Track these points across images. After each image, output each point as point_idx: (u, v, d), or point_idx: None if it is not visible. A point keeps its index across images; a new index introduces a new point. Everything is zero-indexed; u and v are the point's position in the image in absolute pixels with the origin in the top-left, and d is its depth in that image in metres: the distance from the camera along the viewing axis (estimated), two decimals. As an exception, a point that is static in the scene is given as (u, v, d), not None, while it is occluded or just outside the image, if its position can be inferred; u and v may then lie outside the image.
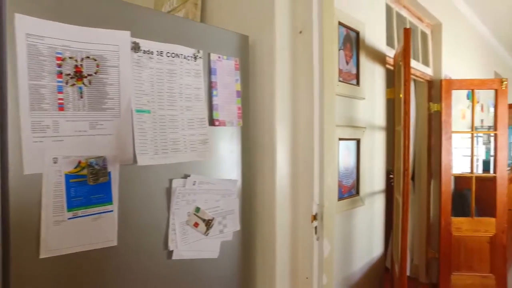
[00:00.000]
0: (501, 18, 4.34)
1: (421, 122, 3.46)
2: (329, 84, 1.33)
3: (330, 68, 1.36)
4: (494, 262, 3.29)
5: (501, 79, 3.24)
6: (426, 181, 3.46)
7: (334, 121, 1.41)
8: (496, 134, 3.23)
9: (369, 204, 2.26)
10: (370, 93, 2.25)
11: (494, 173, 3.26)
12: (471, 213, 3.29)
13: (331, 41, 1.35)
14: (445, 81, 3.25)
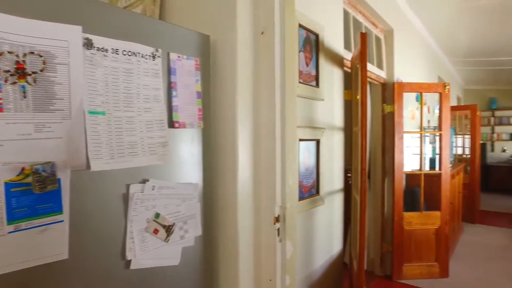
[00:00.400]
0: (442, 28, 4.69)
1: (376, 123, 3.63)
2: (290, 85, 1.34)
3: (292, 69, 1.37)
4: (438, 252, 3.54)
5: (445, 83, 3.49)
6: (380, 179, 3.64)
7: (296, 122, 1.42)
8: (441, 134, 3.48)
9: (328, 203, 2.32)
10: (329, 94, 2.31)
11: (439, 170, 3.51)
12: (420, 208, 3.51)
13: (293, 43, 1.36)
14: (397, 84, 3.44)
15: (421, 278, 3.50)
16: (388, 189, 3.60)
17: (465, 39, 5.22)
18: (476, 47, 5.57)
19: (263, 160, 1.32)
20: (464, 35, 5.02)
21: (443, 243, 3.53)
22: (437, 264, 3.55)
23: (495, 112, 9.16)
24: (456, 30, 4.79)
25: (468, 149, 6.20)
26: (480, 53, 5.84)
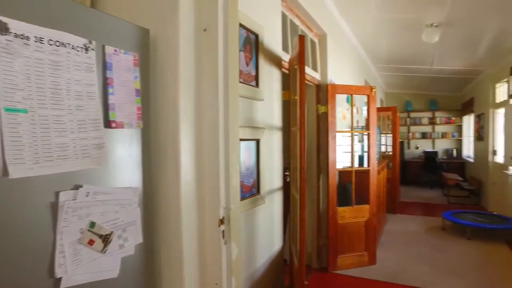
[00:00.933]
0: (367, 35, 5.11)
1: (311, 123, 3.80)
2: (234, 84, 1.32)
3: (235, 68, 1.35)
4: (367, 242, 3.85)
5: (371, 86, 3.79)
6: (316, 176, 3.81)
7: (238, 122, 1.41)
8: (369, 133, 3.77)
9: (269, 202, 2.36)
10: (268, 94, 2.35)
11: (368, 167, 3.81)
12: (352, 202, 3.77)
13: (235, 41, 1.34)
14: (330, 86, 3.64)
15: (353, 267, 3.76)
16: (323, 185, 3.80)
17: (386, 47, 5.75)
18: (394, 55, 6.17)
19: (206, 161, 1.28)
20: (385, 43, 5.53)
21: (372, 234, 3.85)
22: (366, 254, 3.84)
23: (410, 114, 10.27)
24: (378, 38, 5.25)
25: (390, 146, 6.86)
26: (397, 60, 6.49)
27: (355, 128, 4.71)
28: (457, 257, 4.06)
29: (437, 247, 4.44)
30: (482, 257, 4.08)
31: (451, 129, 9.91)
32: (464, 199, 7.46)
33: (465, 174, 9.02)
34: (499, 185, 6.03)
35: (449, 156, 9.78)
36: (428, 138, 10.11)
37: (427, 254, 4.17)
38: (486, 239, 4.71)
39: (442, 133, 9.96)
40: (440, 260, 3.99)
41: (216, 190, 1.23)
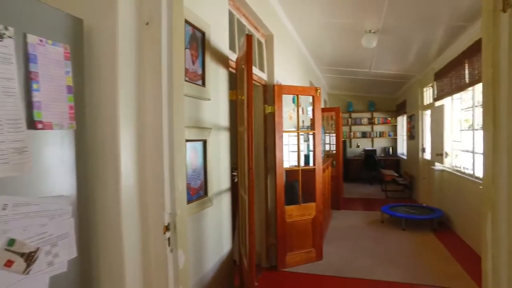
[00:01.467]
0: (312, 38, 5.29)
1: (258, 123, 3.82)
2: (178, 82, 1.25)
3: (180, 65, 1.28)
4: (314, 239, 3.97)
5: (316, 87, 3.92)
6: (263, 176, 3.84)
7: (184, 122, 1.34)
8: (314, 133, 3.89)
9: (217, 204, 2.31)
10: (215, 94, 2.30)
11: (313, 166, 3.93)
12: (299, 201, 3.86)
13: (181, 36, 1.27)
14: (277, 86, 3.68)
15: (302, 264, 3.85)
16: (271, 185, 3.84)
17: (329, 50, 6.01)
18: (337, 58, 6.48)
19: (149, 164, 1.19)
20: (329, 47, 5.77)
21: (318, 231, 3.98)
22: (314, 250, 3.97)
23: (351, 114, 10.88)
24: (322, 42, 5.47)
25: (334, 145, 7.19)
26: (340, 63, 6.82)
27: (301, 128, 4.84)
28: (394, 248, 4.38)
29: (377, 239, 4.75)
30: (414, 245, 4.45)
31: (387, 128, 10.69)
32: (399, 193, 8.09)
33: (399, 170, 9.79)
34: (427, 180, 6.64)
35: (386, 154, 10.55)
36: (367, 137, 10.80)
37: (368, 247, 4.43)
38: (417, 229, 5.15)
39: (380, 132, 10.71)
40: (380, 251, 4.26)
41: (160, 195, 1.15)
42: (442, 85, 5.52)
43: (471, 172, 4.52)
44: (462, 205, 4.71)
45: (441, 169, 5.67)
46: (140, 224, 1.16)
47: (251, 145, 1.96)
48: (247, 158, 1.98)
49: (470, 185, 4.41)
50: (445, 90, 5.33)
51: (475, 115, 4.41)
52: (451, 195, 5.23)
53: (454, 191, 5.09)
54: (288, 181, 4.22)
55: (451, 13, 3.89)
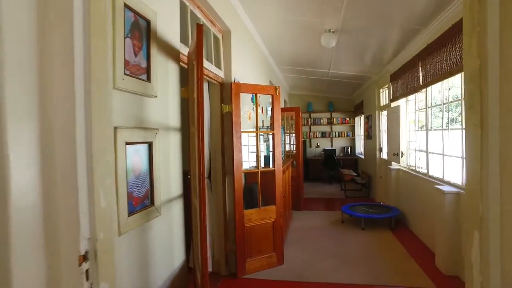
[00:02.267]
0: (272, 36, 5.17)
1: (215, 123, 3.60)
2: (100, 69, 0.99)
3: (103, 47, 1.02)
4: (275, 243, 3.83)
5: (276, 86, 3.78)
6: (221, 179, 3.62)
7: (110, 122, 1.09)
8: (273, 134, 3.75)
9: (166, 213, 2.06)
10: (163, 91, 2.05)
11: (273, 167, 3.78)
12: (258, 204, 3.69)
13: (104, 12, 1.02)
14: (234, 84, 3.49)
15: (262, 269, 3.69)
16: (229, 188, 3.64)
17: (289, 49, 5.92)
18: (297, 58, 6.42)
19: (59, 176, 0.91)
20: (288, 46, 5.68)
21: (279, 234, 3.84)
22: (275, 254, 3.82)
23: (311, 114, 10.98)
24: (282, 40, 5.36)
25: (294, 145, 7.13)
26: (300, 63, 6.78)
27: (261, 128, 4.69)
28: (354, 248, 4.36)
29: (338, 240, 4.72)
30: (374, 245, 4.47)
31: (346, 128, 10.92)
32: (358, 192, 8.24)
33: (358, 170, 10.02)
34: (384, 179, 6.80)
35: (345, 154, 10.76)
36: (327, 137, 10.95)
37: (330, 248, 4.38)
38: (376, 228, 5.21)
39: (339, 132, 10.90)
40: (341, 252, 4.22)
41: (74, 216, 0.88)
42: (397, 87, 5.65)
43: (425, 171, 4.64)
44: (417, 204, 4.83)
45: (397, 168, 5.81)
46: (45, 256, 0.88)
47: (201, 148, 1.74)
48: (197, 163, 1.76)
49: (424, 184, 4.52)
50: (400, 91, 5.45)
51: (428, 116, 4.53)
52: (406, 193, 5.36)
53: (409, 190, 5.21)
54: (247, 183, 4.05)
55: (406, 16, 3.93)
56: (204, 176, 1.76)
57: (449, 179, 3.88)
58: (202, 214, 1.74)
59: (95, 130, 0.92)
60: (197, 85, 1.74)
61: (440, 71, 3.79)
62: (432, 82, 4.01)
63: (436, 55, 3.88)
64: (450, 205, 3.49)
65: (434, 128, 4.40)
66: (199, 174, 1.71)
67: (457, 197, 3.47)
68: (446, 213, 3.50)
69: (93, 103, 0.91)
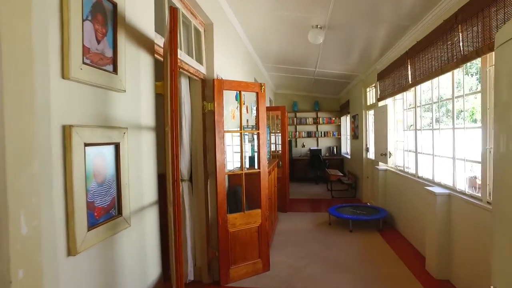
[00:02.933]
0: (257, 32, 4.97)
1: (196, 122, 3.37)
2: (20, 56, 0.77)
3: (23, 28, 0.79)
4: (261, 248, 3.63)
5: (261, 83, 3.58)
6: (203, 181, 3.40)
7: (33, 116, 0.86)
8: (258, 133, 3.55)
9: (138, 223, 1.83)
10: (133, 85, 1.82)
11: (258, 169, 3.58)
12: (242, 208, 3.48)
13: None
14: (217, 81, 3.27)
15: (247, 277, 3.48)
16: (211, 191, 3.42)
17: (275, 46, 5.74)
18: (283, 55, 6.25)
19: None
20: (274, 42, 5.50)
21: (265, 240, 3.64)
22: (260, 261, 3.62)
23: (297, 114, 10.84)
24: (267, 35, 5.17)
25: (280, 145, 6.95)
26: (286, 61, 6.61)
27: (245, 128, 4.48)
28: (343, 251, 4.21)
29: (325, 243, 4.56)
30: (362, 248, 4.33)
31: (332, 128, 10.83)
32: (344, 193, 8.14)
33: (343, 169, 9.94)
34: (371, 179, 6.71)
35: (331, 153, 10.67)
36: (313, 137, 10.83)
37: (317, 252, 4.21)
38: (364, 230, 5.08)
39: (325, 132, 10.80)
40: (329, 256, 4.06)
41: None
42: (384, 85, 5.55)
43: (414, 172, 4.53)
44: (405, 205, 4.72)
45: (385, 168, 5.71)
46: None
47: (175, 149, 1.52)
48: (171, 166, 1.54)
49: (412, 185, 4.41)
50: (388, 91, 5.34)
51: (417, 116, 4.42)
52: (394, 194, 5.26)
53: (397, 191, 5.11)
54: (231, 186, 3.83)
55: (395, 11, 3.80)
56: (178, 181, 1.54)
57: (440, 180, 3.77)
58: (176, 223, 1.52)
59: (11, 131, 0.69)
60: (170, 77, 1.51)
61: (430, 69, 3.67)
62: (422, 81, 3.90)
63: (426, 53, 3.76)
64: (441, 207, 3.37)
65: (424, 128, 4.29)
66: (173, 179, 1.48)
67: (448, 198, 3.35)
68: (437, 215, 3.38)
69: (5, 96, 0.68)
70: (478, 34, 2.71)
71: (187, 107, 3.23)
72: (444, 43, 3.31)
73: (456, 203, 3.26)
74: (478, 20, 2.69)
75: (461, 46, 2.98)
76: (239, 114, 3.49)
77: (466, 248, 3.07)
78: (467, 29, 2.87)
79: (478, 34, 2.71)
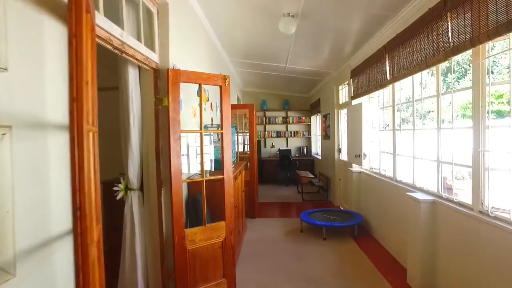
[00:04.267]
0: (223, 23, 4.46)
1: (147, 120, 2.81)
2: None
3: None
4: (226, 266, 3.13)
5: (225, 75, 3.07)
6: (156, 191, 2.84)
7: None
8: (222, 133, 3.04)
9: (34, 268, 1.24)
10: (27, 61, 1.23)
11: (222, 175, 3.07)
12: (203, 221, 2.96)
13: None
14: (172, 71, 2.72)
15: (207, 302, 2.97)
16: (166, 202, 2.87)
17: (242, 37, 5.25)
18: (251, 48, 5.78)
19: None
20: (241, 32, 5.01)
21: (230, 256, 3.14)
22: (225, 280, 3.12)
23: (266, 113, 10.42)
24: (234, 25, 4.67)
25: (248, 146, 6.46)
26: (254, 55, 6.13)
27: (209, 127, 3.95)
28: (317, 264, 3.80)
29: (298, 254, 4.13)
30: (338, 259, 3.95)
31: (301, 128, 10.52)
32: (315, 195, 7.82)
33: (314, 170, 9.65)
34: (343, 181, 6.40)
35: (301, 154, 10.35)
36: (282, 136, 10.46)
37: (289, 265, 3.77)
38: (338, 237, 4.73)
39: (294, 131, 10.47)
40: (302, 270, 3.64)
41: None
42: (358, 83, 5.23)
43: (391, 175, 4.22)
44: (382, 210, 4.41)
45: (359, 171, 5.40)
46: None
47: (80, 163, 0.98)
48: (74, 187, 1.00)
49: (390, 189, 4.10)
50: (362, 88, 5.03)
51: (395, 115, 4.11)
52: (370, 198, 4.95)
53: (373, 195, 4.80)
54: (191, 195, 3.29)
55: None
56: (84, 211, 1.00)
57: (421, 185, 3.46)
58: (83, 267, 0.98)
59: None
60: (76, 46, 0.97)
61: (411, 63, 3.34)
62: (402, 76, 3.57)
63: (407, 46, 3.43)
64: (425, 215, 3.04)
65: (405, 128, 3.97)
66: (75, 209, 0.94)
67: (433, 206, 3.03)
68: (421, 224, 3.05)
69: None
70: (472, 22, 2.37)
71: (136, 102, 2.66)
72: (429, 34, 2.97)
73: (442, 211, 2.94)
74: (472, 5, 2.35)
75: (449, 36, 2.65)
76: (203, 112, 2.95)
77: (453, 260, 2.76)
78: (458, 16, 2.54)
79: (472, 21, 2.37)
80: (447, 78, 3.18)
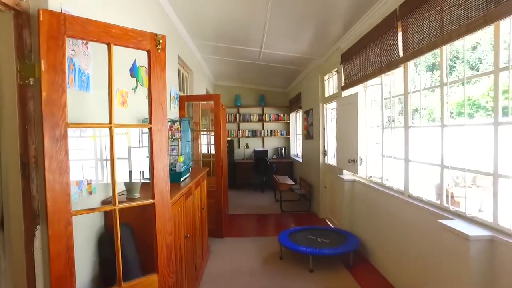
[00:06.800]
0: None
1: (7, 105, 1.56)
2: None
3: None
4: None
5: (156, 34, 1.86)
6: (23, 231, 1.59)
7: None
8: (151, 129, 1.82)
9: None
10: None
11: (152, 199, 1.85)
12: (118, 279, 1.74)
13: None
14: (48, 15, 1.48)
15: None
16: (44, 249, 1.62)
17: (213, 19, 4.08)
18: (223, 31, 4.59)
19: None
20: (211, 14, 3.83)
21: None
22: None
23: (239, 109, 9.24)
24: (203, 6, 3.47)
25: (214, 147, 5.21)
26: (223, 37, 4.94)
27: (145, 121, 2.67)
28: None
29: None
30: (331, 307, 2.82)
31: (279, 126, 9.42)
32: (296, 204, 6.72)
33: (293, 175, 8.56)
34: (331, 190, 5.31)
35: (278, 155, 9.24)
36: (258, 136, 9.31)
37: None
38: (328, 267, 3.61)
39: (271, 130, 9.35)
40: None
41: None
42: (352, 69, 4.15)
43: (400, 187, 3.14)
44: (387, 233, 3.32)
45: (352, 179, 4.30)
46: None
47: None
48: None
49: (400, 206, 3.02)
50: (357, 75, 3.95)
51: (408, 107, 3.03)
52: (368, 215, 3.86)
53: (372, 212, 3.71)
54: (109, 224, 2.05)
55: None
56: None
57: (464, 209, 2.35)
58: None
59: None
60: None
61: (441, 28, 2.26)
62: (426, 50, 2.48)
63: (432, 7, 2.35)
64: (477, 260, 1.95)
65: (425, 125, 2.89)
66: None
67: (490, 245, 1.95)
68: (470, 273, 1.96)
69: None
70: None
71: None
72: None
73: (507, 254, 1.86)
74: None
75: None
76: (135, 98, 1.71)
77: None
78: None
79: None
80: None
